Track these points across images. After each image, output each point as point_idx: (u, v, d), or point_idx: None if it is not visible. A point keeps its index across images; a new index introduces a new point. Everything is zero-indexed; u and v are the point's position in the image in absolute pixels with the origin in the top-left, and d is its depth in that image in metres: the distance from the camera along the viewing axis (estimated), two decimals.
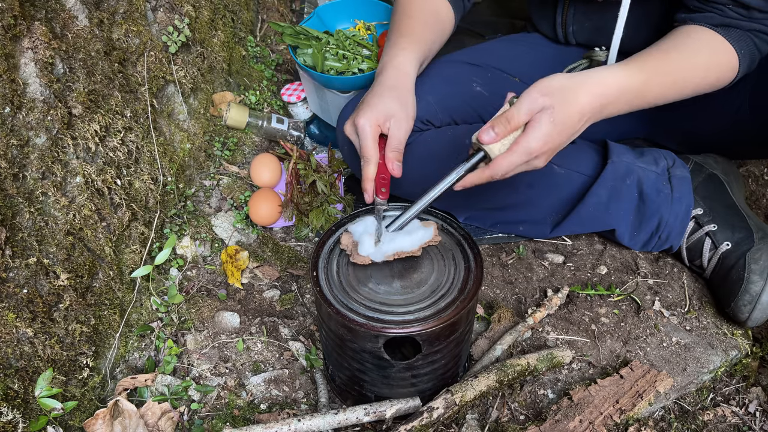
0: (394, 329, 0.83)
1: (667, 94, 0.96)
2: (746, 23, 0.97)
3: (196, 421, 1.00)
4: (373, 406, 0.94)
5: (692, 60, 0.97)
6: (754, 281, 1.06)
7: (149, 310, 1.14)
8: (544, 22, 1.31)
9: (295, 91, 1.55)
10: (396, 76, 1.01)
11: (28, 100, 0.92)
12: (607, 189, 1.16)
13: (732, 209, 1.18)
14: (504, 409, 1.01)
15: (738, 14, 0.97)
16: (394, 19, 1.14)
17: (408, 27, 1.10)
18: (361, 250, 0.91)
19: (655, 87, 0.94)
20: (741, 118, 1.09)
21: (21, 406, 0.85)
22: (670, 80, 0.95)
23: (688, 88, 0.98)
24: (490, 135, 0.85)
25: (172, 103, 1.35)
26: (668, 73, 0.95)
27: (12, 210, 0.88)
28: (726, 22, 0.97)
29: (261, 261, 1.29)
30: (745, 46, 0.99)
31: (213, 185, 1.40)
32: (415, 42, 1.07)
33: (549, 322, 1.15)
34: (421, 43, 1.09)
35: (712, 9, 0.98)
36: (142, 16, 1.23)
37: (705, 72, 0.98)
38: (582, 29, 1.24)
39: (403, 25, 1.10)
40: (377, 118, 0.95)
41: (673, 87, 0.96)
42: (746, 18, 0.97)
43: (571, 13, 1.23)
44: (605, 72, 0.90)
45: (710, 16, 0.98)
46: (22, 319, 0.87)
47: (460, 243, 0.96)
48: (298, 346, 1.12)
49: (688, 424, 1.00)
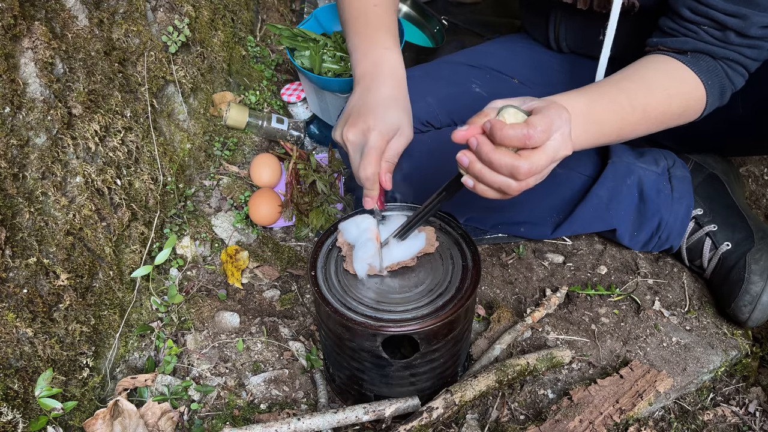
0: (392, 328, 0.83)
1: (627, 120, 0.90)
2: (720, 50, 0.92)
3: (196, 421, 1.00)
4: (372, 405, 0.94)
5: (648, 86, 0.92)
6: (755, 281, 1.06)
7: (149, 310, 1.14)
8: (537, 33, 1.31)
9: (294, 91, 1.56)
10: (395, 90, 0.95)
11: (28, 100, 0.93)
12: (608, 189, 1.16)
13: (732, 209, 1.18)
14: (504, 409, 1.01)
15: (713, 37, 0.92)
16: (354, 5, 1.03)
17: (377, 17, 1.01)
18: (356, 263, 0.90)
19: (605, 113, 0.88)
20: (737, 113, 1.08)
21: (21, 406, 0.85)
22: (626, 105, 0.89)
23: (650, 117, 0.92)
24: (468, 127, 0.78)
25: (172, 103, 1.35)
26: (618, 98, 0.89)
27: (12, 210, 0.89)
28: (699, 47, 0.92)
29: (261, 261, 1.30)
30: (713, 77, 0.93)
31: (213, 185, 1.40)
32: (393, 36, 1.01)
33: (549, 322, 1.15)
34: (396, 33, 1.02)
35: (687, 31, 0.93)
36: (142, 16, 1.23)
37: (666, 100, 0.92)
38: (575, 42, 1.25)
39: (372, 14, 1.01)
40: (388, 132, 0.89)
41: (633, 114, 0.90)
42: (721, 43, 0.92)
43: (563, 28, 1.23)
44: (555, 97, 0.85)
45: (683, 40, 0.93)
46: (22, 319, 0.87)
47: (458, 242, 0.96)
48: (298, 346, 1.12)
49: (688, 424, 1.00)
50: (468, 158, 0.77)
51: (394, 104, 0.92)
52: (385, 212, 1.01)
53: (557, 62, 1.28)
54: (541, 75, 1.26)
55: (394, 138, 0.90)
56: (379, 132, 0.87)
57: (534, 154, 0.74)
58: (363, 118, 0.88)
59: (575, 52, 1.28)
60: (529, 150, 0.74)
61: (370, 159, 0.86)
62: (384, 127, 0.88)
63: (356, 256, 0.90)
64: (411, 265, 0.92)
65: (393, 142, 0.91)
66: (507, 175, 0.75)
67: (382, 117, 0.89)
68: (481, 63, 1.28)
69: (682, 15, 0.93)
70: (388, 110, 0.90)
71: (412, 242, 0.92)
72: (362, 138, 0.88)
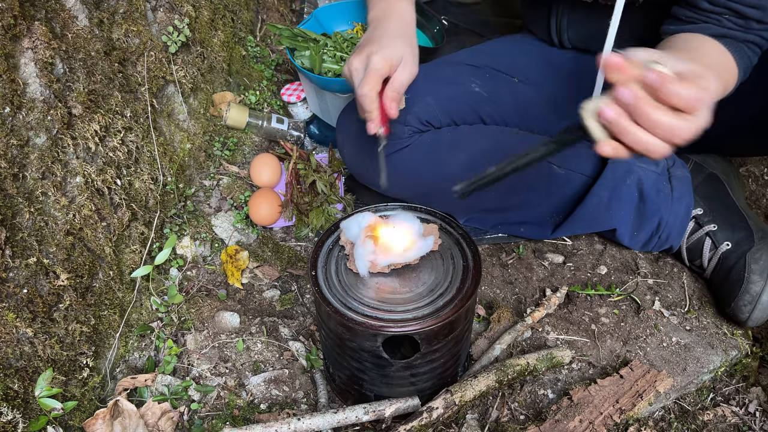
0: (392, 328, 0.83)
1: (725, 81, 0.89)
2: (741, 34, 0.94)
3: (196, 421, 1.00)
4: (372, 405, 0.94)
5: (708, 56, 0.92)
6: (755, 281, 1.06)
7: (149, 310, 1.14)
8: (538, 28, 1.30)
9: (295, 91, 1.56)
10: (401, 27, 1.00)
11: (28, 100, 0.93)
12: (608, 189, 1.16)
13: (732, 209, 1.18)
14: (504, 409, 1.01)
15: (735, 24, 0.94)
16: None
17: None
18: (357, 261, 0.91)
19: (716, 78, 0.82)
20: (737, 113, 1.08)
21: (21, 406, 0.85)
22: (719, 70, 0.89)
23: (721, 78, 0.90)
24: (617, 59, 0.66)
25: (172, 103, 1.35)
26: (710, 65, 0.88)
27: (12, 210, 0.89)
28: (722, 32, 0.94)
29: (261, 261, 1.30)
30: (741, 54, 0.96)
31: (213, 185, 1.40)
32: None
33: (549, 322, 1.15)
34: None
35: (707, 19, 0.95)
36: (142, 16, 1.23)
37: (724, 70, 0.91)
38: (577, 35, 1.24)
39: None
40: (392, 57, 0.91)
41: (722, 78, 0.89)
42: (743, 29, 0.94)
43: (565, 20, 1.23)
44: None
45: (705, 27, 0.95)
46: (22, 319, 0.87)
47: (458, 242, 0.96)
48: (298, 346, 1.12)
49: (688, 424, 1.00)
50: (614, 112, 0.65)
51: (400, 37, 0.95)
52: (387, 212, 1.01)
53: (559, 60, 1.28)
54: (542, 73, 1.26)
55: (398, 68, 0.92)
56: (382, 56, 0.89)
57: (696, 119, 0.65)
58: (368, 47, 0.91)
59: (577, 48, 1.28)
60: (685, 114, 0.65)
61: (369, 78, 0.88)
62: (387, 53, 0.90)
63: (357, 253, 0.90)
64: (414, 263, 0.92)
65: (398, 73, 0.93)
66: (662, 138, 0.65)
67: (387, 45, 0.92)
68: (481, 62, 1.28)
69: (700, 6, 0.94)
70: (393, 40, 0.94)
71: (422, 243, 0.92)
72: (366, 62, 0.90)
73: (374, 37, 0.97)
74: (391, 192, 1.25)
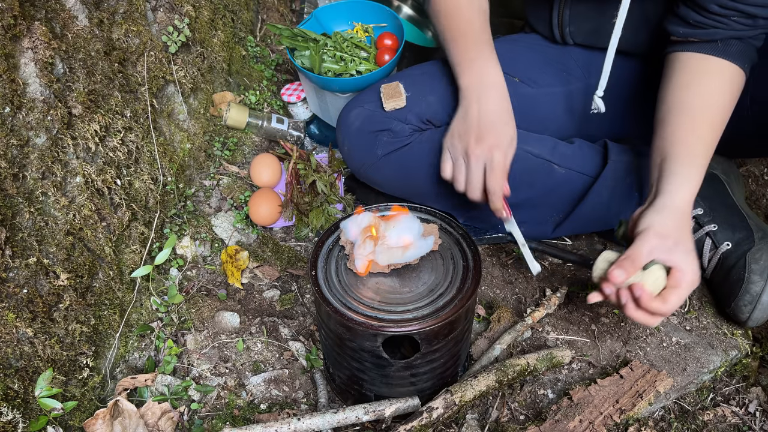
0: (392, 328, 0.83)
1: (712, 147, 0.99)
2: (749, 32, 0.95)
3: (196, 421, 1.00)
4: (372, 405, 0.94)
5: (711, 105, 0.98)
6: (755, 281, 1.06)
7: (149, 310, 1.14)
8: (541, 23, 1.29)
9: (295, 91, 1.55)
10: (502, 103, 1.04)
11: (28, 100, 0.93)
12: (608, 188, 1.16)
13: (732, 209, 1.18)
14: (504, 409, 1.01)
15: (743, 25, 0.94)
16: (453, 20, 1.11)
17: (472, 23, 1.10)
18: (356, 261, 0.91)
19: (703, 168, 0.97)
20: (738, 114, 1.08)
21: (21, 406, 0.85)
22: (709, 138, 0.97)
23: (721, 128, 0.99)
24: (621, 276, 0.87)
25: (172, 103, 1.35)
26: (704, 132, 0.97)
27: (12, 210, 0.89)
28: (729, 34, 0.95)
29: (261, 261, 1.30)
30: (746, 57, 0.97)
31: (213, 185, 1.40)
32: (490, 45, 1.09)
33: (549, 322, 1.15)
34: (493, 46, 1.10)
35: (715, 23, 0.95)
36: (142, 16, 1.23)
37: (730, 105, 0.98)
38: (579, 30, 1.23)
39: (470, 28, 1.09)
40: (507, 149, 1.01)
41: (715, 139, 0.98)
42: (750, 27, 0.94)
43: (567, 13, 1.22)
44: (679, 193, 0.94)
45: (713, 32, 0.96)
46: (22, 319, 0.87)
47: (458, 242, 0.96)
48: (298, 346, 1.12)
49: (688, 424, 1.00)
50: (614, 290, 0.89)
51: (508, 118, 1.03)
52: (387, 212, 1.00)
53: (560, 58, 1.27)
54: (543, 73, 1.26)
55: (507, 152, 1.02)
56: (504, 152, 0.99)
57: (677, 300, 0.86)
58: (486, 136, 1.00)
59: (580, 44, 1.27)
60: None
61: (497, 175, 0.99)
62: (505, 145, 1.00)
63: (356, 253, 0.90)
64: (414, 263, 0.92)
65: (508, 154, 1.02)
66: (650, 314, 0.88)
67: (502, 133, 1.01)
68: None
69: (709, 9, 0.95)
70: (505, 126, 1.02)
71: (422, 243, 0.92)
72: (488, 154, 0.99)
73: (485, 123, 1.01)
74: (391, 191, 1.25)
